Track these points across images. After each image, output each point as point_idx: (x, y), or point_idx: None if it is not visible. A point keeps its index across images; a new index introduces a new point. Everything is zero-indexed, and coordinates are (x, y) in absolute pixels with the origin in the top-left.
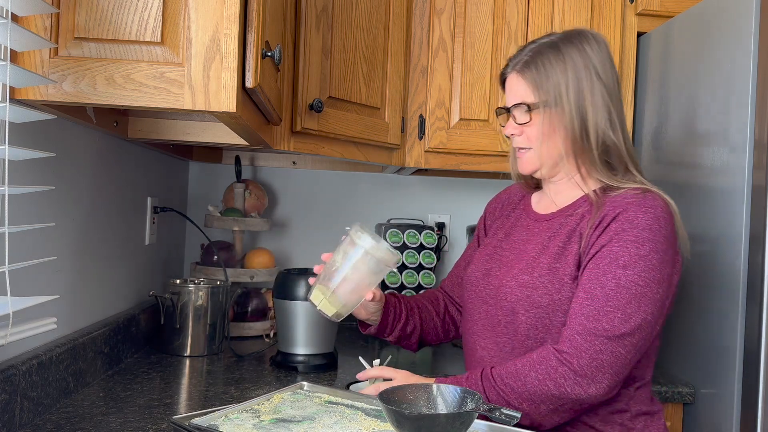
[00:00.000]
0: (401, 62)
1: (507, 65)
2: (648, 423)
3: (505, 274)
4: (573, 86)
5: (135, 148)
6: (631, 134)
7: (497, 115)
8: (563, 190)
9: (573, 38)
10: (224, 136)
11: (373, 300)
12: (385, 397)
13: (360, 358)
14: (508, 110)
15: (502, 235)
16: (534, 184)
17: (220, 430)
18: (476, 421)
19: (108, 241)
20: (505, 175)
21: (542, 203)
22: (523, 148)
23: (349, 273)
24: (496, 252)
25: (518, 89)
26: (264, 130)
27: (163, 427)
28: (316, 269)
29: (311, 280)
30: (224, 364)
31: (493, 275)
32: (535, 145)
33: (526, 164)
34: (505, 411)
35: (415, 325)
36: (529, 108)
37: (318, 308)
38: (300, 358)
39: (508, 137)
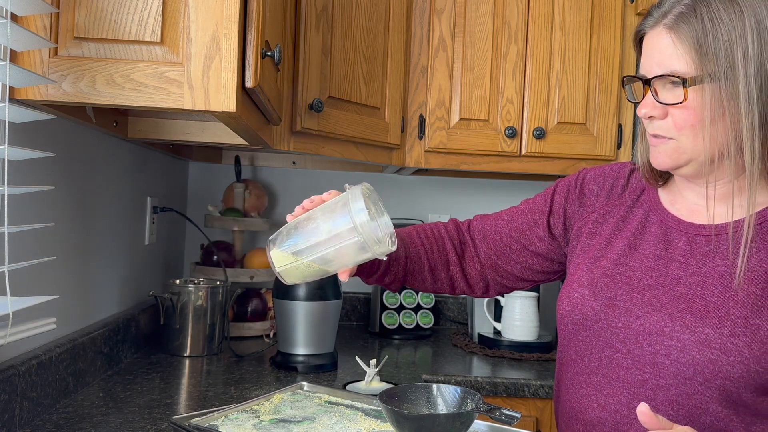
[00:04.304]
0: (401, 62)
1: (647, 17)
2: None
3: (663, 320)
4: (755, 50)
5: (135, 147)
6: (631, 134)
7: (624, 85)
8: (737, 194)
9: None
10: (224, 135)
11: (350, 274)
12: (385, 397)
13: (357, 358)
14: (646, 81)
15: (623, 246)
16: (662, 177)
17: (219, 430)
18: (476, 421)
19: (108, 241)
20: (506, 176)
21: (681, 206)
22: (662, 137)
23: (331, 253)
24: (618, 270)
25: (667, 53)
26: (264, 130)
27: (162, 427)
28: (289, 218)
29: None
30: (224, 364)
31: (631, 313)
32: (685, 134)
33: (665, 157)
34: (505, 411)
35: (395, 276)
36: (685, 82)
37: (276, 269)
38: (300, 359)
39: (643, 118)
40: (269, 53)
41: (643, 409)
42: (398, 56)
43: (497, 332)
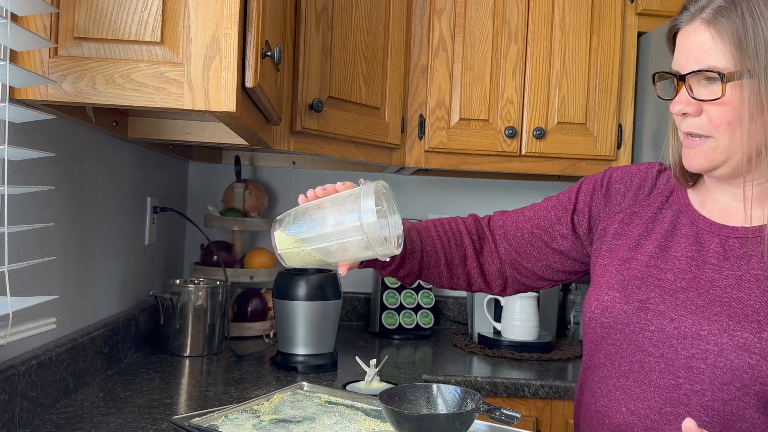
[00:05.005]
0: (401, 62)
1: (682, 11)
2: None
3: (699, 323)
4: None
5: (135, 147)
6: (631, 134)
7: (654, 82)
8: (759, 196)
9: None
10: (224, 135)
11: (350, 268)
12: (385, 397)
13: (357, 358)
14: (681, 77)
15: (653, 248)
16: (692, 178)
17: (219, 430)
18: (476, 421)
19: (108, 241)
20: (506, 176)
21: (712, 208)
22: (697, 135)
23: (334, 246)
24: (649, 273)
25: (705, 48)
26: (264, 130)
27: (162, 427)
28: (301, 199)
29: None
30: (224, 364)
31: (664, 316)
32: (721, 131)
33: (700, 158)
34: (505, 411)
35: (411, 270)
36: (723, 78)
37: (278, 252)
38: (300, 359)
39: (676, 114)
40: (269, 53)
41: (688, 425)
42: (398, 56)
43: (497, 332)
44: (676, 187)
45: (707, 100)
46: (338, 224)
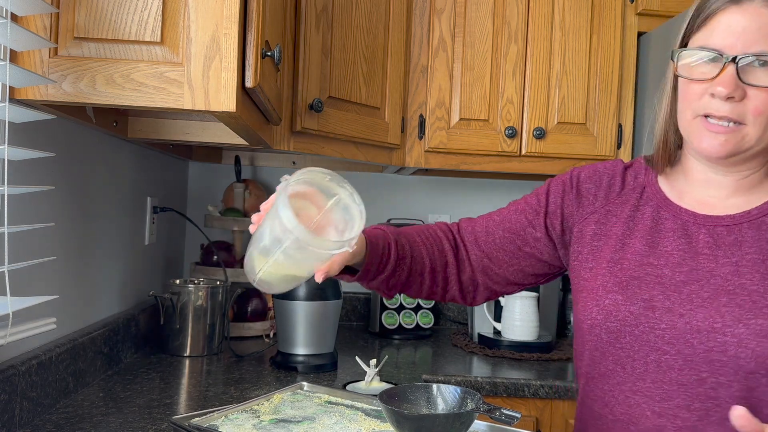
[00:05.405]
0: (401, 62)
1: None
2: None
3: (711, 316)
4: None
5: (134, 147)
6: (631, 134)
7: (674, 57)
8: (757, 183)
9: None
10: (224, 135)
11: (326, 276)
12: (385, 397)
13: (357, 358)
14: (731, 59)
15: (642, 246)
16: (671, 162)
17: (219, 430)
18: (476, 421)
19: (108, 241)
20: (506, 176)
21: (690, 200)
22: (731, 121)
23: (281, 258)
24: (645, 270)
25: (765, 31)
26: (264, 130)
27: (162, 427)
28: (251, 228)
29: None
30: (224, 364)
31: (673, 312)
32: (760, 121)
33: (728, 145)
34: (505, 411)
35: (399, 278)
36: None
37: (255, 280)
38: (300, 359)
39: (720, 97)
40: (269, 53)
41: (740, 413)
42: (398, 56)
43: (497, 332)
44: (647, 182)
45: (760, 87)
46: (272, 232)
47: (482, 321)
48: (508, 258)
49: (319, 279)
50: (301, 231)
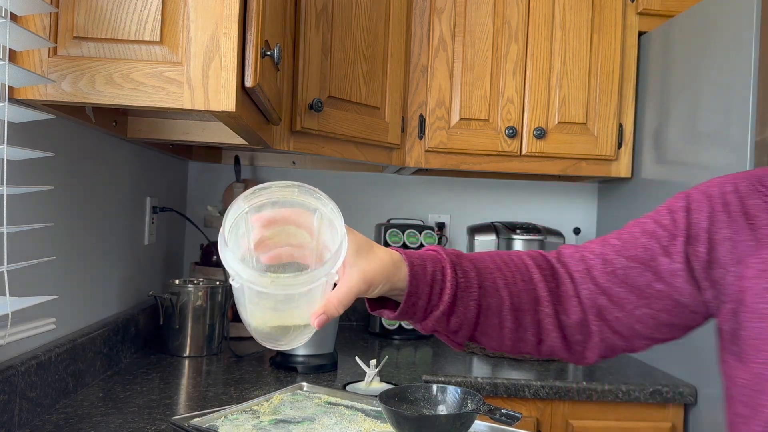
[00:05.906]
0: (401, 62)
1: None
2: None
3: None
4: None
5: (134, 147)
6: (632, 134)
7: None
8: None
9: None
10: (223, 135)
11: (326, 320)
12: (385, 397)
13: (357, 359)
14: None
15: None
16: None
17: (219, 430)
18: (477, 421)
19: (107, 241)
20: (506, 175)
21: None
22: None
23: (253, 309)
24: None
25: None
26: (263, 130)
27: (162, 427)
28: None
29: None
30: (223, 364)
31: None
32: None
33: None
34: (506, 411)
35: (465, 316)
36: None
37: (257, 339)
38: (300, 359)
39: None
40: (269, 53)
41: None
42: (398, 56)
43: None
44: None
45: None
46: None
47: None
48: (635, 298)
49: (314, 324)
50: (247, 273)
